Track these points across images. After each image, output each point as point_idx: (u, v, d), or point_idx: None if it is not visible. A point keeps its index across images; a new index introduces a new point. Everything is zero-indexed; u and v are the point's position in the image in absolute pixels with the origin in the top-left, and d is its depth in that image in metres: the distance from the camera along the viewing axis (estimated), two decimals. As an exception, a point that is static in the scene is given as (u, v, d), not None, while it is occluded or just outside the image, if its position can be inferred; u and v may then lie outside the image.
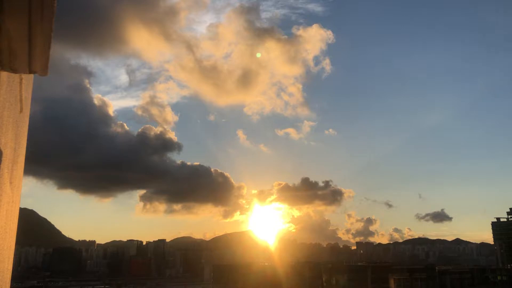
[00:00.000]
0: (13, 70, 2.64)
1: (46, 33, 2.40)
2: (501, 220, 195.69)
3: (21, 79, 3.00)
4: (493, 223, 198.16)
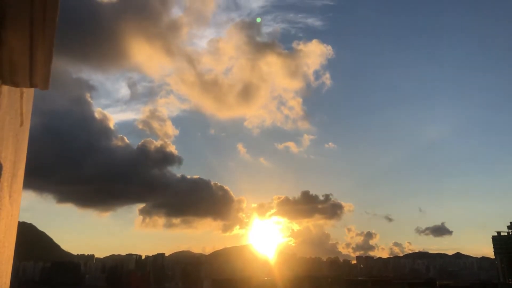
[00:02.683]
0: (14, 84, 2.65)
1: (48, 48, 2.40)
2: (502, 234, 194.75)
3: (22, 93, 3.01)
4: (493, 237, 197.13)
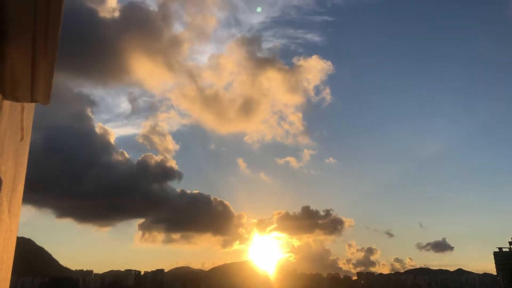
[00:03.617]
0: (16, 99, 2.66)
1: (50, 63, 2.42)
2: (504, 250, 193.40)
3: (22, 108, 3.02)
4: (495, 253, 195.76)
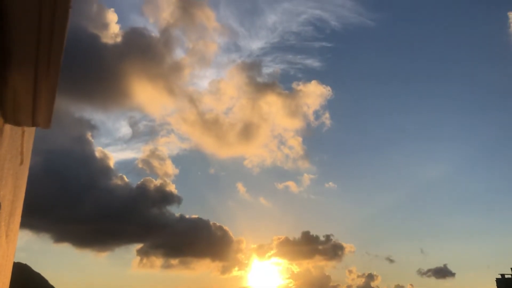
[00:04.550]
0: (17, 123, 2.67)
1: (51, 88, 2.43)
2: (506, 276, 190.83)
3: (23, 132, 3.02)
4: (497, 280, 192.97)
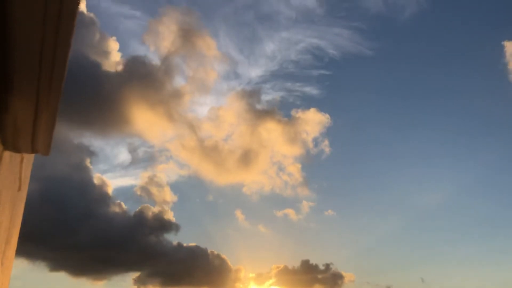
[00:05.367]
0: (16, 149, 2.66)
1: (52, 115, 2.43)
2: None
3: (22, 158, 3.01)
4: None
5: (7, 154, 2.60)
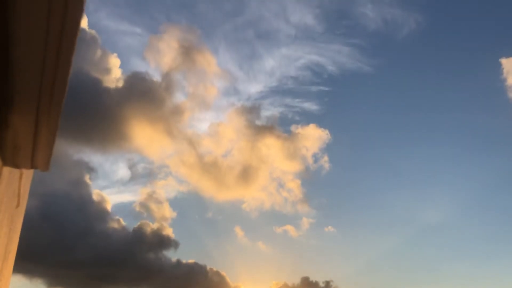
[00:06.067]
0: (16, 165, 2.65)
1: (52, 131, 2.43)
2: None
3: (21, 174, 3.01)
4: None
5: (6, 170, 2.59)
